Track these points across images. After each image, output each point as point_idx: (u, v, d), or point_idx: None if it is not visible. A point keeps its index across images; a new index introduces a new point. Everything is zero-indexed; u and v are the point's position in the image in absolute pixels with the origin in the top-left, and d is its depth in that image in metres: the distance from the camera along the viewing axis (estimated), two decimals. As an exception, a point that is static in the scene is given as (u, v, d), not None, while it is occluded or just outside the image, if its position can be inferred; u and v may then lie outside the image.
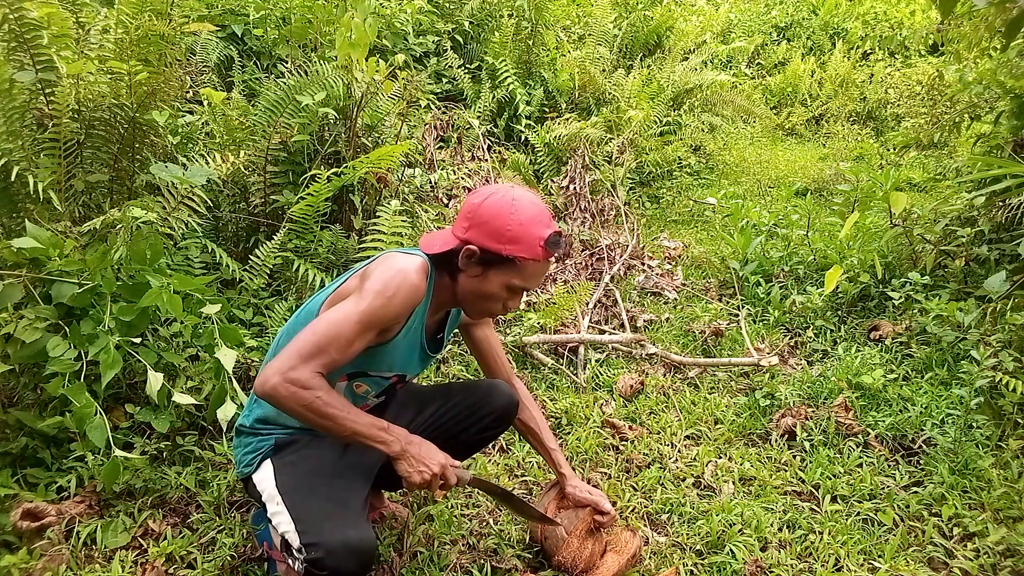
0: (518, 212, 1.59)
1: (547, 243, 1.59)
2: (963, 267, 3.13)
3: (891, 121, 6.80)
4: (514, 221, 1.58)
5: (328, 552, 1.50)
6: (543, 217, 1.62)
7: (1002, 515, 2.10)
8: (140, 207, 2.26)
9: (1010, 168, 2.56)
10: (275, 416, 1.74)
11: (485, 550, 2.03)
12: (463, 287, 1.67)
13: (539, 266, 1.63)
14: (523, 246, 1.58)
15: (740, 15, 8.58)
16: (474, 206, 1.63)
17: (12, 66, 2.32)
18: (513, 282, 1.63)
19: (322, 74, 2.99)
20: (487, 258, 1.61)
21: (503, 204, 1.60)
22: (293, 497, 1.62)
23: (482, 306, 1.70)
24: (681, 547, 2.07)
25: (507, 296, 1.66)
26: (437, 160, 3.86)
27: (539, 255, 1.60)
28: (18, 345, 1.95)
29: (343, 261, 2.96)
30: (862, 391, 2.70)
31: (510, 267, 1.61)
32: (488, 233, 1.59)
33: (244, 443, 1.76)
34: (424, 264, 1.63)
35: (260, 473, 1.70)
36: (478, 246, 1.60)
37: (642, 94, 5.51)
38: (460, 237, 1.63)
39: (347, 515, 1.59)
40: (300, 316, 1.74)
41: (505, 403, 1.91)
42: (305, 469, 1.69)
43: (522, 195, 1.64)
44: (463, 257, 1.62)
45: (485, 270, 1.62)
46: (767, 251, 3.87)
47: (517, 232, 1.58)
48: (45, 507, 1.94)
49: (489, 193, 1.64)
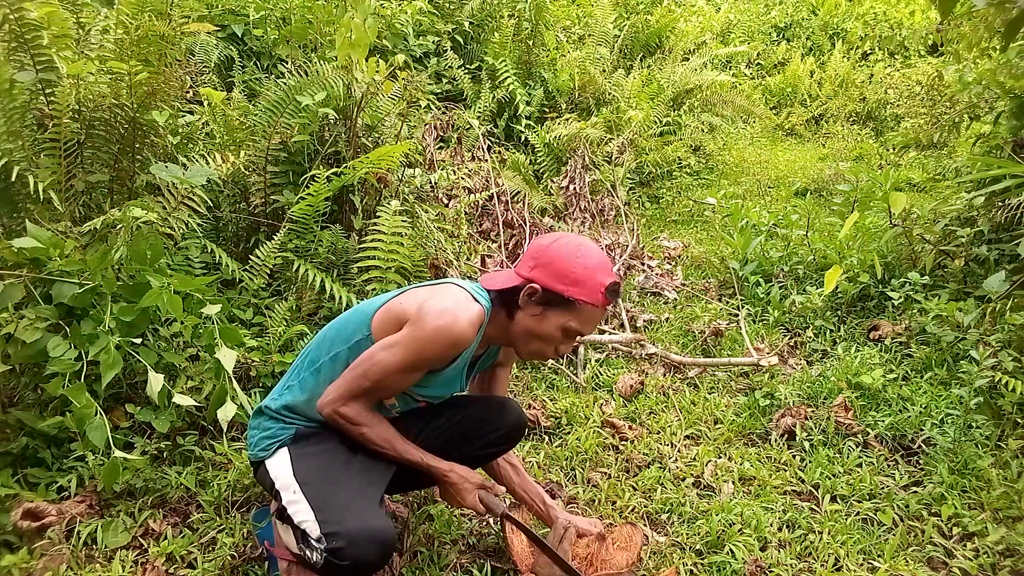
0: (584, 257, 1.64)
1: (608, 290, 1.64)
2: (963, 267, 3.13)
3: (891, 121, 6.80)
4: (580, 265, 1.63)
5: (350, 541, 1.52)
6: (606, 266, 1.67)
7: (1001, 515, 2.10)
8: (140, 207, 2.27)
9: (1010, 168, 2.56)
10: (304, 406, 1.75)
11: (485, 550, 2.04)
12: (519, 325, 1.70)
13: (596, 312, 1.67)
14: (585, 290, 1.62)
15: (740, 15, 8.58)
16: (543, 247, 1.68)
17: (12, 66, 2.32)
18: (570, 324, 1.66)
19: (322, 74, 2.99)
20: (548, 298, 1.64)
21: (571, 248, 1.65)
22: (314, 487, 1.63)
23: (535, 346, 1.72)
24: (681, 547, 2.07)
25: (560, 339, 1.69)
26: (437, 160, 3.86)
27: (599, 301, 1.64)
28: (18, 345, 1.95)
29: (343, 261, 2.96)
30: (862, 391, 2.70)
31: (569, 309, 1.64)
32: (553, 273, 1.63)
33: (264, 426, 1.77)
34: (480, 312, 1.65)
35: (275, 459, 1.71)
36: (541, 285, 1.64)
37: (642, 94, 5.51)
38: (524, 276, 1.67)
39: (368, 505, 1.61)
40: (351, 322, 1.76)
41: (514, 421, 1.93)
42: (324, 461, 1.70)
43: (589, 243, 1.70)
44: (525, 294, 1.66)
45: (545, 310, 1.66)
46: (767, 251, 3.87)
47: (581, 275, 1.62)
48: (45, 507, 1.94)
49: (558, 237, 1.70)
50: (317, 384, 1.73)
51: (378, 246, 2.78)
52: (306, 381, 1.75)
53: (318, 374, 1.74)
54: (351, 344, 1.71)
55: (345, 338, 1.73)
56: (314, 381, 1.74)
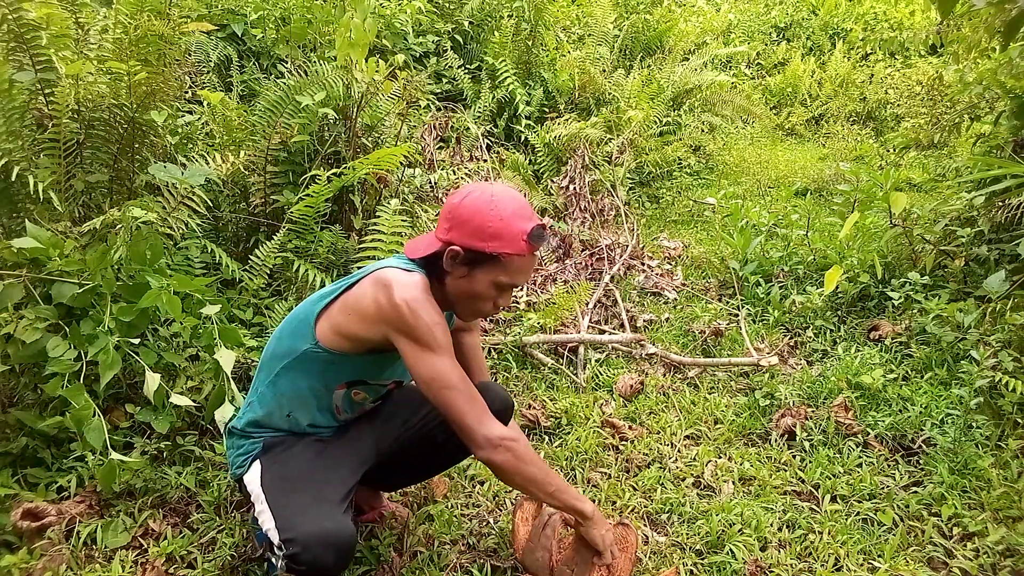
0: (498, 208, 1.57)
1: (530, 236, 1.57)
2: (963, 267, 3.13)
3: (891, 121, 6.79)
4: (494, 217, 1.56)
5: (304, 547, 1.49)
6: (524, 211, 1.61)
7: (1002, 515, 2.10)
8: (140, 207, 2.26)
9: (1010, 168, 2.56)
10: (266, 419, 1.74)
11: (485, 550, 2.03)
12: (452, 289, 1.66)
13: (525, 260, 1.62)
14: (506, 242, 1.57)
15: (740, 15, 8.58)
16: (453, 206, 1.61)
17: (12, 66, 2.32)
18: (500, 279, 1.61)
19: (322, 74, 2.99)
20: (471, 257, 1.59)
21: (482, 201, 1.58)
22: (274, 495, 1.62)
23: (473, 306, 1.69)
24: (681, 547, 2.07)
25: (496, 294, 1.65)
26: (437, 160, 3.86)
27: (523, 249, 1.58)
28: (18, 345, 1.95)
29: (343, 261, 2.96)
30: (862, 391, 2.70)
31: (495, 264, 1.59)
32: (469, 232, 1.58)
33: (236, 445, 1.77)
34: (424, 280, 1.63)
35: (250, 473, 1.71)
36: (461, 246, 1.59)
37: (642, 94, 5.51)
38: (443, 239, 1.62)
39: (324, 508, 1.58)
40: (293, 332, 1.71)
41: (501, 405, 1.89)
42: (288, 466, 1.69)
43: (501, 190, 1.62)
44: (447, 258, 1.61)
45: (471, 270, 1.61)
46: (767, 251, 3.87)
47: (498, 228, 1.56)
48: (45, 507, 1.94)
49: (468, 192, 1.62)
50: (274, 397, 1.72)
51: (378, 246, 2.78)
52: (264, 396, 1.74)
53: (274, 387, 1.72)
54: (298, 355, 1.68)
55: (288, 351, 1.70)
56: (271, 394, 1.73)
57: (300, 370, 1.69)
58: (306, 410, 1.74)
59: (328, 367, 1.68)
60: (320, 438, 1.78)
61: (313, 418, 1.76)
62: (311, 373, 1.69)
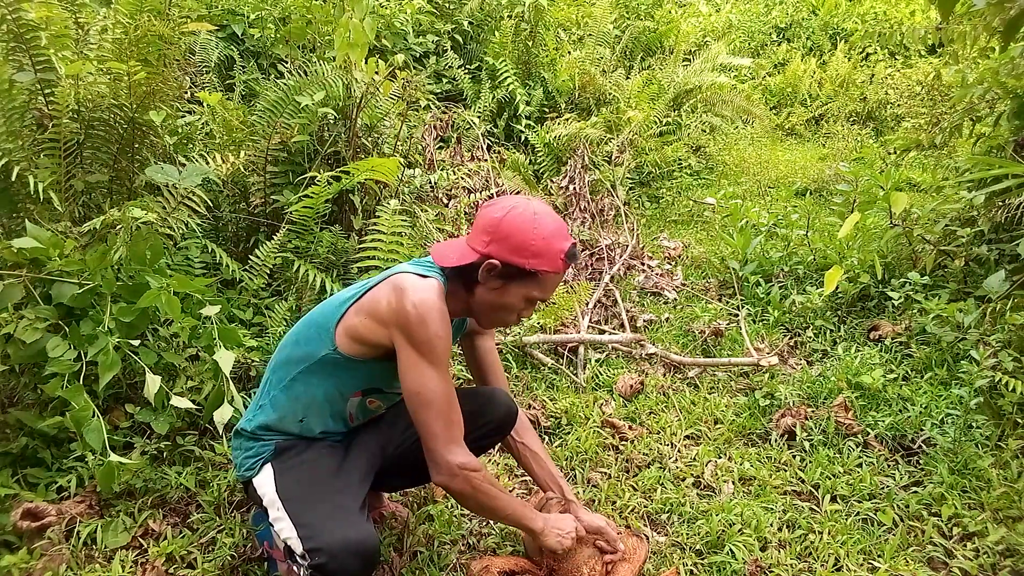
0: (540, 227, 1.61)
1: (567, 256, 1.63)
2: (963, 267, 3.13)
3: (891, 121, 6.79)
4: (537, 236, 1.60)
5: (331, 556, 1.51)
6: (562, 230, 1.66)
7: (1001, 515, 2.10)
8: (140, 207, 2.26)
9: (1010, 168, 2.56)
10: (278, 423, 1.74)
11: (485, 550, 2.03)
12: (480, 299, 1.68)
13: (558, 277, 1.67)
14: (546, 260, 1.61)
15: (740, 16, 8.57)
16: (495, 220, 1.63)
17: (11, 67, 2.32)
18: (533, 294, 1.66)
19: (321, 74, 2.99)
20: (509, 272, 1.63)
21: (525, 219, 1.61)
22: (294, 503, 1.63)
23: (498, 317, 1.72)
24: (681, 547, 2.07)
25: (523, 307, 1.69)
26: (437, 160, 3.86)
27: (560, 268, 1.64)
28: (18, 345, 1.95)
29: (343, 261, 2.96)
30: (862, 391, 2.70)
31: (531, 280, 1.64)
32: (510, 248, 1.61)
33: (245, 447, 1.77)
34: (440, 287, 1.64)
35: (261, 477, 1.71)
36: (500, 260, 1.61)
37: (642, 94, 5.51)
38: (480, 251, 1.64)
39: (348, 517, 1.60)
40: (311, 337, 1.71)
41: (504, 412, 1.92)
42: (304, 474, 1.69)
43: (542, 209, 1.66)
44: (484, 271, 1.64)
45: (506, 283, 1.65)
46: (767, 251, 3.87)
47: (540, 247, 1.60)
48: (45, 507, 1.94)
49: (510, 207, 1.64)
50: (288, 401, 1.72)
51: (378, 246, 2.78)
52: (277, 399, 1.74)
53: (288, 391, 1.73)
54: (316, 360, 1.69)
55: (305, 356, 1.70)
56: (285, 398, 1.73)
57: (317, 375, 1.70)
58: (320, 417, 1.75)
59: (344, 373, 1.69)
60: (330, 443, 1.78)
61: (326, 425, 1.77)
62: (327, 379, 1.70)
